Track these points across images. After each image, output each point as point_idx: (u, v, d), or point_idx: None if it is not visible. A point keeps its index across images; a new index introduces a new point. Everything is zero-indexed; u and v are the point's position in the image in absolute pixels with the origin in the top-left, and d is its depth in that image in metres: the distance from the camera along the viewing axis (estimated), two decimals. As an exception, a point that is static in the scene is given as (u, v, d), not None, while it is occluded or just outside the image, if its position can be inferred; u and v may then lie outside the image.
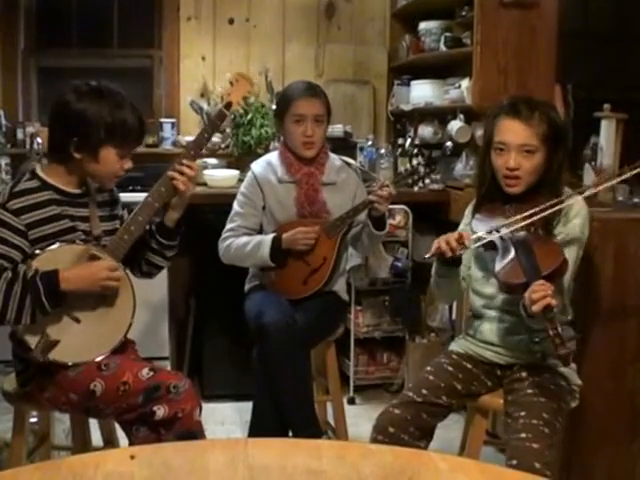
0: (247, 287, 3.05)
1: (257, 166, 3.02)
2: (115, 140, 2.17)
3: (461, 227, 2.46)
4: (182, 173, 2.28)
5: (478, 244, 2.22)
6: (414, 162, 3.01)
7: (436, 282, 2.41)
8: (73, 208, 2.23)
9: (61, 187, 2.21)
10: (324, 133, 2.97)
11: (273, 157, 3.03)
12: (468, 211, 2.46)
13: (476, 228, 2.29)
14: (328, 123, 3.00)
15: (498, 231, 2.19)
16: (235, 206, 2.99)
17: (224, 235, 2.96)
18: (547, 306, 1.93)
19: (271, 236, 2.89)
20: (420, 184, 2.90)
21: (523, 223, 2.16)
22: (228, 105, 2.43)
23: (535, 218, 2.15)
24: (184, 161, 2.29)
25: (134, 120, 2.19)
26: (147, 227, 2.34)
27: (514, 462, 1.96)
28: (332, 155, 3.05)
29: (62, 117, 2.17)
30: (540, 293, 1.96)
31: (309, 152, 2.93)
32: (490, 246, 2.22)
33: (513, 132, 2.23)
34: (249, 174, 3.03)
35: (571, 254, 2.21)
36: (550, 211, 2.16)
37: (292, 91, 2.97)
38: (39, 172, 2.21)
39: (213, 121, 2.44)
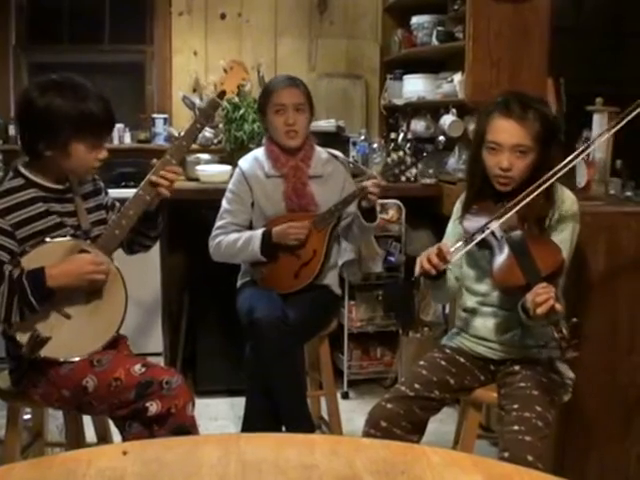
0: (239, 283, 3.05)
1: (244, 162, 3.02)
2: (83, 134, 2.13)
3: (451, 223, 2.45)
4: (166, 179, 2.26)
5: (458, 255, 2.20)
6: (400, 153, 3.00)
7: (429, 293, 2.42)
8: (59, 204, 2.21)
9: (45, 184, 2.19)
10: (307, 123, 2.96)
11: (259, 153, 3.02)
12: (457, 207, 2.44)
13: (467, 226, 2.28)
14: (311, 115, 3.00)
15: (483, 231, 2.16)
16: (224, 203, 2.99)
17: (214, 233, 2.96)
18: (551, 309, 1.92)
19: (261, 231, 2.88)
20: (408, 174, 2.89)
21: (510, 214, 2.14)
22: (222, 94, 2.39)
23: (521, 205, 2.13)
24: (168, 168, 2.27)
25: (100, 110, 2.14)
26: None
27: (506, 454, 1.96)
28: (318, 148, 3.05)
29: (27, 117, 2.14)
30: (543, 296, 1.94)
31: (292, 141, 2.92)
32: (483, 245, 2.20)
33: (507, 133, 2.20)
34: (237, 171, 3.03)
35: (566, 234, 2.20)
36: (536, 194, 2.13)
37: (272, 84, 3.01)
38: (22, 170, 2.19)
39: (206, 110, 2.40)
